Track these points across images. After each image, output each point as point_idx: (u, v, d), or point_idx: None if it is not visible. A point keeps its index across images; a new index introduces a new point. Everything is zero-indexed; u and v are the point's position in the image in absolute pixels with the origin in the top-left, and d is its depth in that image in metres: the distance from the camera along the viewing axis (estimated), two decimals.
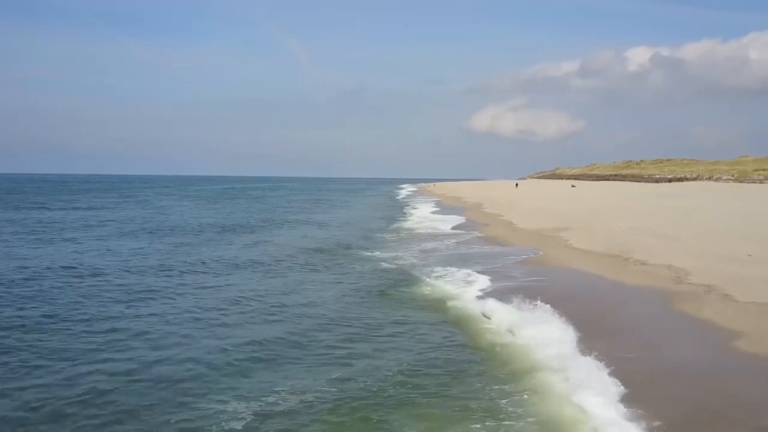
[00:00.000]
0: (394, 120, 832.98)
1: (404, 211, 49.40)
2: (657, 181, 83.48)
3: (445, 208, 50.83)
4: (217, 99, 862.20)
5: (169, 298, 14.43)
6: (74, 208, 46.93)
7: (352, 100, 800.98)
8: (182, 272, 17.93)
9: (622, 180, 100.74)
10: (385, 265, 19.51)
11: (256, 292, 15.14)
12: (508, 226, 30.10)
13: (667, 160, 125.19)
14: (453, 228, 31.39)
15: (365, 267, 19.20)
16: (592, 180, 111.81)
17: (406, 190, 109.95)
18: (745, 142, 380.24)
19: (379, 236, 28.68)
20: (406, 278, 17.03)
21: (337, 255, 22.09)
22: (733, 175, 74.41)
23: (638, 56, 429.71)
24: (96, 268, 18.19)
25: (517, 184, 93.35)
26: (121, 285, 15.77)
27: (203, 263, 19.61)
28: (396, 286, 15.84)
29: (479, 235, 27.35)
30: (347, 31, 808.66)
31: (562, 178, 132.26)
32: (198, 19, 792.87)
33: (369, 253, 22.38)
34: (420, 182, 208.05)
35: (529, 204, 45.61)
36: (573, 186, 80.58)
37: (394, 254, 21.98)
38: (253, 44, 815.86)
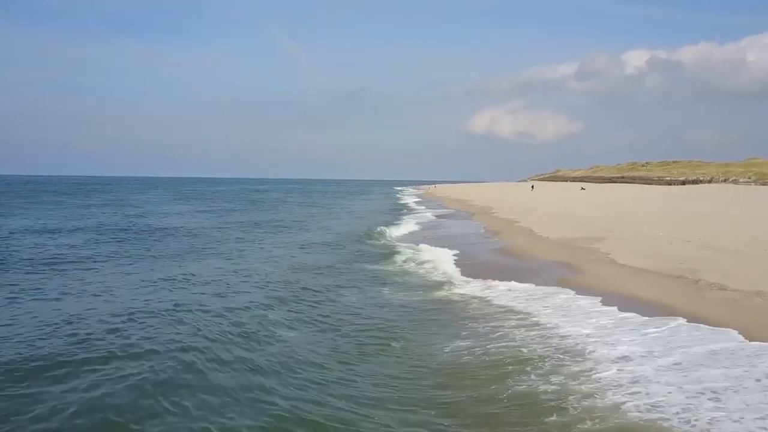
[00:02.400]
0: (392, 122, 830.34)
1: (408, 215, 45.90)
2: (669, 184, 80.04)
3: (451, 213, 47.31)
4: (217, 101, 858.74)
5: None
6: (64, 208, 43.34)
7: (350, 101, 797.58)
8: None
9: (630, 182, 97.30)
10: (386, 291, 16.02)
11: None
12: (529, 234, 26.57)
13: (674, 162, 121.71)
14: (466, 238, 27.90)
15: (372, 296, 15.69)
16: (599, 182, 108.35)
17: (407, 193, 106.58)
18: (743, 144, 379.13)
19: (378, 244, 25.24)
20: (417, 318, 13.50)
21: (342, 271, 18.63)
22: (750, 178, 71.06)
23: (636, 59, 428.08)
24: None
25: (533, 186, 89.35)
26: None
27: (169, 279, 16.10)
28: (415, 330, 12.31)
29: (497, 246, 23.84)
30: (346, 33, 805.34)
31: (567, 180, 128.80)
32: (198, 21, 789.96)
33: (376, 273, 18.91)
34: (418, 184, 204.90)
35: (544, 208, 42.06)
36: (582, 188, 77.05)
37: (402, 278, 18.50)
38: (252, 46, 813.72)
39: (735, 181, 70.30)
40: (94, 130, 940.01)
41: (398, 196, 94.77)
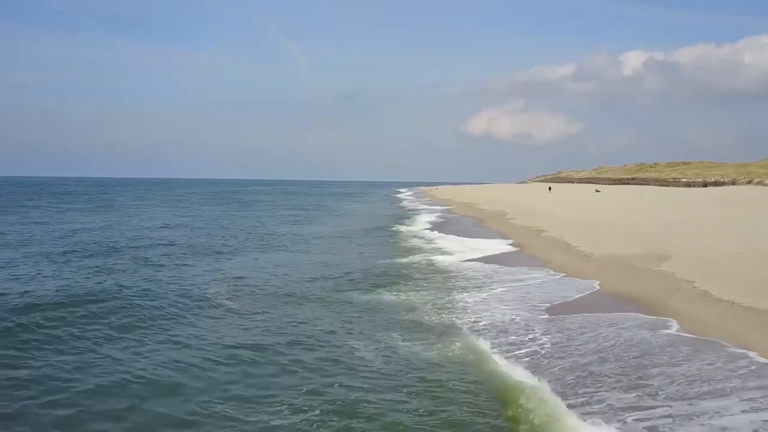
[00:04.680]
0: (390, 123, 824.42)
1: (413, 222, 41.09)
2: (687, 185, 75.27)
3: (462, 219, 42.50)
4: (216, 102, 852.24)
5: None
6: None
7: (349, 103, 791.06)
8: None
9: (643, 184, 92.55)
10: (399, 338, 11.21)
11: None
12: (566, 249, 21.75)
13: (683, 162, 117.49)
14: (485, 253, 23.11)
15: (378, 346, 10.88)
16: (607, 183, 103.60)
17: (408, 196, 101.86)
18: (742, 145, 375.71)
19: (382, 264, 20.45)
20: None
21: (331, 301, 13.82)
22: None
23: (633, 60, 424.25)
24: None
25: (550, 188, 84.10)
26: None
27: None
28: None
29: (532, 265, 19.05)
30: (344, 35, 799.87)
31: (573, 182, 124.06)
32: (197, 23, 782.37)
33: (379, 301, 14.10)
34: (418, 185, 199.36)
35: (566, 213, 37.30)
36: (597, 191, 72.26)
37: (409, 314, 13.71)
38: (252, 48, 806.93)
39: (761, 183, 65.52)
40: (93, 131, 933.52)
41: (401, 198, 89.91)
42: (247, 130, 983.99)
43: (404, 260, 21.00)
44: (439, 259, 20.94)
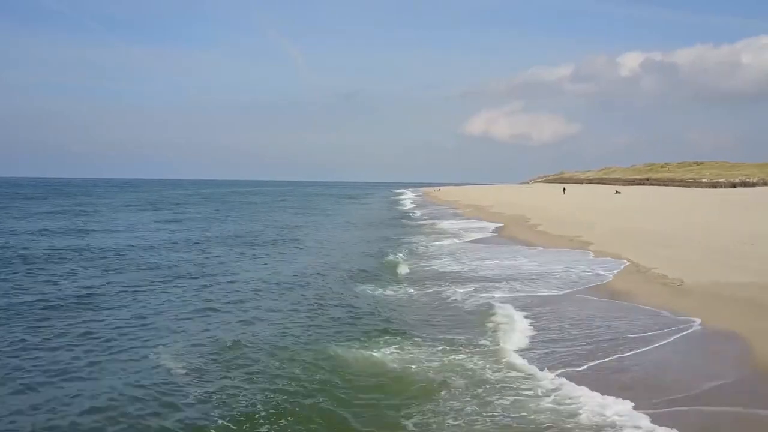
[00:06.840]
0: (389, 124, 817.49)
1: (423, 230, 35.83)
2: (713, 186, 70.09)
3: (479, 226, 37.06)
4: (216, 103, 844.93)
5: None
6: None
7: (348, 103, 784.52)
8: None
9: (658, 185, 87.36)
10: None
11: None
12: (639, 272, 16.40)
13: (696, 163, 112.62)
14: (528, 278, 17.74)
15: None
16: (620, 184, 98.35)
17: (412, 198, 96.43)
18: (742, 146, 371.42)
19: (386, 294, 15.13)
20: None
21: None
22: None
23: (631, 61, 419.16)
24: None
25: (564, 189, 78.83)
26: None
27: None
28: None
29: (596, 296, 13.73)
30: (343, 35, 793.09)
31: (582, 182, 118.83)
32: (197, 23, 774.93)
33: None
34: (417, 186, 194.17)
35: (603, 220, 31.95)
36: (617, 192, 67.05)
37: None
38: (251, 48, 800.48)
39: None
40: (93, 131, 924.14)
41: (404, 201, 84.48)
42: (247, 130, 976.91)
43: (411, 290, 15.68)
44: (458, 291, 15.55)
